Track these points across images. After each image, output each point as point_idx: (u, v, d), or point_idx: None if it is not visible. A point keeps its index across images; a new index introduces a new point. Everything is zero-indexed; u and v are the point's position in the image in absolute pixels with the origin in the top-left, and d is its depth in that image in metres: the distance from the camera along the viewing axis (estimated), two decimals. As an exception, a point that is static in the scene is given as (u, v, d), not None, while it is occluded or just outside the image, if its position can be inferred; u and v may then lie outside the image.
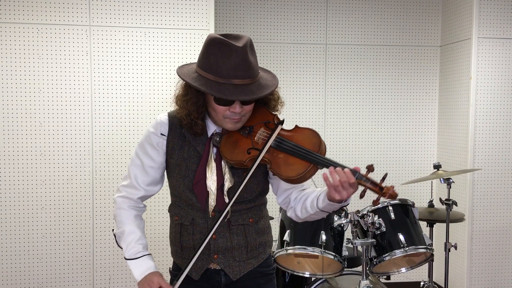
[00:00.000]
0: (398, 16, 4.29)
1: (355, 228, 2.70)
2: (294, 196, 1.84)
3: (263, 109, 1.81)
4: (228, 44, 1.64)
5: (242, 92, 1.64)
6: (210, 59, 1.66)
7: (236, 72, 1.64)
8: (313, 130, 1.75)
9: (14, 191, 3.29)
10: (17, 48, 3.24)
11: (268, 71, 1.83)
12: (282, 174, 1.69)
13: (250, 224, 1.85)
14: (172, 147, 1.82)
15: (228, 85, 1.64)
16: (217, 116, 1.74)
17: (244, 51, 1.64)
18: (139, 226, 1.86)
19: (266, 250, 1.93)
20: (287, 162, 1.69)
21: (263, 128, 1.76)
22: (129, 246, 1.80)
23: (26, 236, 3.33)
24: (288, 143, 1.71)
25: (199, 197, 1.80)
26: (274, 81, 1.77)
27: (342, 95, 4.27)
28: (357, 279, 2.74)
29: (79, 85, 3.32)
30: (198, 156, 1.80)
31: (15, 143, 3.27)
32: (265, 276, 1.92)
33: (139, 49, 3.36)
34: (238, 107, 1.69)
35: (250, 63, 1.66)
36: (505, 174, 3.95)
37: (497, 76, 3.89)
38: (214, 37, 1.67)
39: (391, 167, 4.33)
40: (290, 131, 1.76)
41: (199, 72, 1.69)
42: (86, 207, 3.38)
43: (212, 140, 1.80)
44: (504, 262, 3.99)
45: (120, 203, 1.86)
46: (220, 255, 1.83)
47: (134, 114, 3.38)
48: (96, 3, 3.30)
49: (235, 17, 4.08)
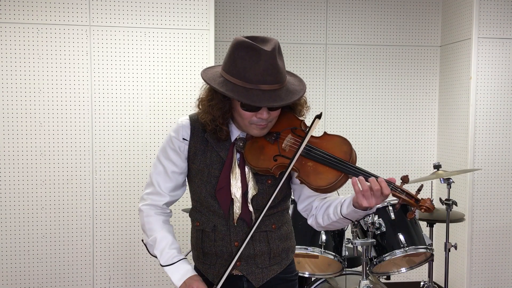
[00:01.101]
0: (398, 16, 4.29)
1: (355, 228, 2.71)
2: (316, 204, 1.79)
3: (289, 115, 1.75)
4: (257, 48, 1.57)
5: (270, 98, 1.58)
6: (237, 63, 1.60)
7: (265, 77, 1.58)
8: (343, 138, 1.69)
9: (14, 191, 3.29)
10: (17, 48, 3.24)
11: (295, 75, 1.76)
12: (311, 183, 1.63)
13: (273, 231, 1.80)
14: (194, 152, 1.78)
15: (256, 91, 1.58)
16: (243, 121, 1.69)
17: (273, 55, 1.58)
18: (170, 231, 1.82)
19: (289, 256, 1.89)
20: (316, 171, 1.63)
21: (290, 134, 1.71)
22: (164, 252, 1.75)
23: (26, 236, 3.33)
24: (318, 151, 1.64)
25: (222, 205, 1.75)
26: (302, 86, 1.71)
27: (342, 95, 4.27)
28: (357, 279, 2.74)
29: (79, 85, 3.32)
30: (221, 161, 1.76)
31: (15, 143, 3.27)
32: (287, 282, 1.87)
33: (139, 49, 3.36)
34: (266, 113, 1.63)
35: (279, 68, 1.60)
36: (505, 174, 3.95)
37: (497, 76, 3.89)
38: (242, 41, 1.60)
39: (391, 167, 4.33)
40: (319, 138, 1.70)
41: (225, 76, 1.63)
42: (86, 207, 3.38)
43: (236, 145, 1.75)
44: (504, 262, 3.99)
45: (147, 211, 1.82)
46: (243, 262, 1.79)
47: (134, 114, 3.38)
48: (96, 3, 3.30)
49: (235, 17, 4.08)
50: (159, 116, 3.39)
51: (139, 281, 3.46)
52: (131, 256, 3.44)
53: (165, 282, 3.47)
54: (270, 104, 1.59)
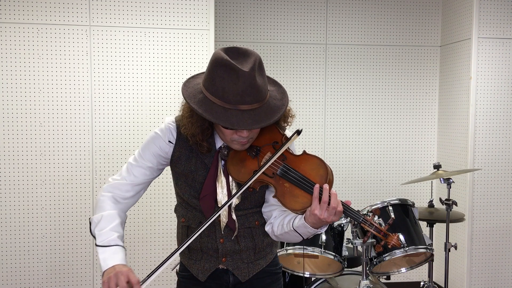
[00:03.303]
0: (398, 16, 4.29)
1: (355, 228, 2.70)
2: (276, 214, 1.81)
3: (272, 127, 1.75)
4: (235, 69, 1.54)
5: (249, 119, 1.56)
6: (216, 82, 1.57)
7: (244, 97, 1.56)
8: (320, 160, 1.68)
9: (14, 191, 3.29)
10: (17, 48, 3.24)
11: (277, 84, 1.74)
12: (286, 205, 1.65)
13: (256, 227, 1.83)
14: (178, 156, 1.78)
15: (235, 111, 1.56)
16: (224, 137, 1.70)
17: (251, 76, 1.55)
18: (120, 216, 1.75)
19: (273, 250, 1.93)
20: (292, 194, 1.65)
21: (269, 153, 1.71)
22: (103, 232, 1.67)
23: (26, 236, 3.33)
24: (295, 174, 1.65)
25: (205, 211, 1.77)
26: (284, 100, 1.68)
27: (342, 95, 4.27)
28: (357, 279, 2.74)
29: (79, 85, 3.32)
30: (205, 168, 1.77)
31: (15, 143, 3.27)
32: (272, 275, 1.92)
33: (139, 49, 3.36)
34: (246, 132, 1.63)
35: (258, 87, 1.57)
36: (505, 174, 3.95)
37: (497, 76, 3.88)
38: (221, 59, 1.57)
39: (391, 167, 4.34)
40: (298, 157, 1.70)
41: (205, 93, 1.61)
42: (86, 207, 3.38)
43: (220, 153, 1.76)
44: (504, 262, 3.99)
45: (106, 190, 1.78)
46: (228, 258, 1.82)
47: (134, 114, 3.38)
48: (96, 3, 3.30)
49: (235, 17, 4.08)
50: (159, 116, 3.39)
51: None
52: (131, 256, 3.44)
53: (166, 282, 3.47)
54: (248, 127, 1.57)
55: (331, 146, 4.25)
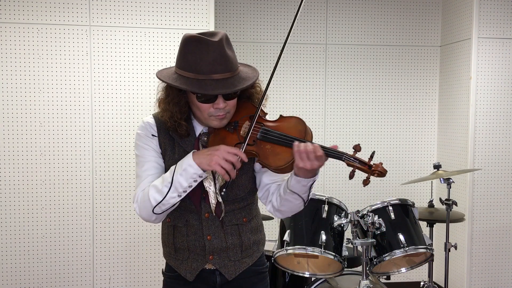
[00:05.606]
0: (398, 16, 4.29)
1: (355, 228, 2.70)
2: (272, 189, 1.84)
3: (247, 104, 1.80)
4: (204, 40, 1.63)
5: (223, 86, 1.64)
6: (187, 57, 1.66)
7: (215, 67, 1.63)
8: (298, 118, 1.75)
9: (14, 191, 3.29)
10: (17, 48, 3.24)
11: (248, 65, 1.82)
12: (271, 164, 1.69)
13: (244, 224, 1.85)
14: (164, 148, 1.81)
15: (209, 81, 1.63)
16: (202, 115, 1.73)
17: (220, 45, 1.64)
18: None
19: (260, 248, 1.94)
20: (274, 152, 1.69)
21: (248, 121, 1.76)
22: (165, 177, 1.70)
23: (26, 236, 3.33)
24: (274, 133, 1.71)
25: (193, 199, 1.78)
26: (255, 73, 1.76)
27: (342, 95, 4.27)
28: (357, 279, 2.74)
29: (79, 85, 3.32)
30: None
31: (15, 143, 3.27)
32: (258, 274, 1.93)
33: (139, 49, 3.36)
34: (222, 103, 1.68)
35: (228, 57, 1.66)
36: (505, 174, 3.95)
37: (497, 76, 3.89)
38: (190, 35, 1.67)
39: (391, 167, 4.33)
40: (275, 121, 1.76)
41: (178, 72, 1.69)
42: (86, 207, 3.38)
43: (200, 140, 1.79)
44: (504, 262, 3.99)
45: (138, 193, 1.79)
46: (215, 255, 1.83)
47: (134, 114, 3.38)
48: (96, 3, 3.30)
49: (235, 17, 4.08)
50: (159, 116, 3.39)
51: (139, 281, 3.46)
52: (131, 256, 3.44)
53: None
54: (223, 91, 1.64)
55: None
